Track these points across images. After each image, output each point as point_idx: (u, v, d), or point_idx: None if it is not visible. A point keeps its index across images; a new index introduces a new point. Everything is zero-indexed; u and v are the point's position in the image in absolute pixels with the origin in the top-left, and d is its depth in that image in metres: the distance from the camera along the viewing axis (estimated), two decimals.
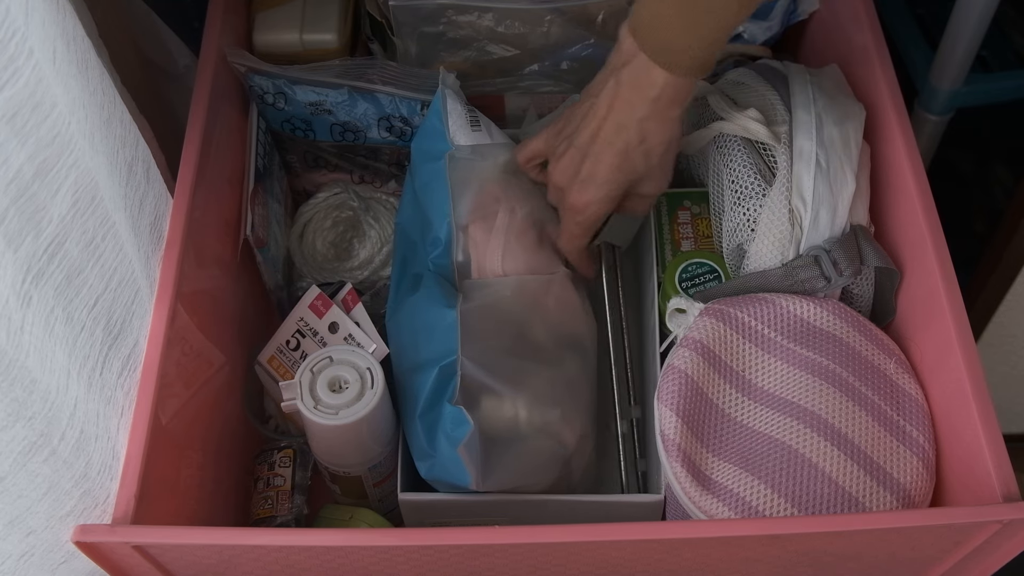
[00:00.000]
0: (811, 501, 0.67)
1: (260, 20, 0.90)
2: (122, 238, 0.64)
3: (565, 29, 0.87)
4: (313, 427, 0.72)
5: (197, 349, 0.74)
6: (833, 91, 0.80)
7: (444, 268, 0.77)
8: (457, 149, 0.79)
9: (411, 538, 0.62)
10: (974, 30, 0.94)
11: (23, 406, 0.55)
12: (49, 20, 0.54)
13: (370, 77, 0.86)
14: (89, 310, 0.61)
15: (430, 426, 0.71)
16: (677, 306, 0.75)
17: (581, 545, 0.63)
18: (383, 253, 0.91)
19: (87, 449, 0.61)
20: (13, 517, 0.58)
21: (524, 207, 0.78)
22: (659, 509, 0.73)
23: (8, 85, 0.50)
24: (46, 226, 0.55)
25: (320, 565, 0.65)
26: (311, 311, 0.81)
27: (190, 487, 0.73)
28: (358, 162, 0.91)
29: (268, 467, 0.81)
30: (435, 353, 0.72)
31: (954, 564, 0.67)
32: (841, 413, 0.70)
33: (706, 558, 0.65)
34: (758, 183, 0.76)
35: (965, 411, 0.66)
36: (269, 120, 0.88)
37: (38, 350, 0.55)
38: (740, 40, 0.90)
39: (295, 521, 0.79)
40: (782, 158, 0.76)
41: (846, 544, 0.65)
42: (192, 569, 0.66)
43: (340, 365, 0.72)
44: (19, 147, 0.52)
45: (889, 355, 0.73)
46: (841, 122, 0.77)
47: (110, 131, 0.63)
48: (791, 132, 0.77)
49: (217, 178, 0.79)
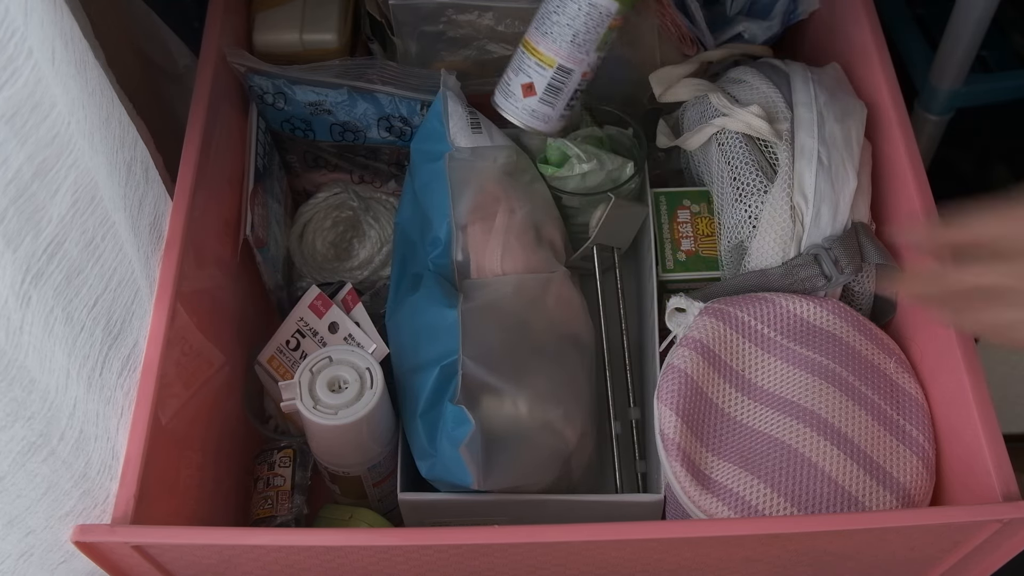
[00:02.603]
0: (811, 500, 0.67)
1: (260, 20, 0.90)
2: (121, 238, 0.64)
3: None
4: (312, 427, 0.72)
5: (197, 349, 0.74)
6: (834, 88, 0.80)
7: (444, 268, 0.77)
8: (457, 150, 0.79)
9: (411, 538, 0.62)
10: (974, 30, 0.94)
11: (22, 406, 0.55)
12: (48, 20, 0.54)
13: (370, 77, 0.86)
14: (89, 310, 0.61)
15: (431, 426, 0.71)
16: (677, 305, 0.75)
17: (581, 545, 0.63)
18: (383, 253, 0.91)
19: (86, 449, 0.61)
20: (12, 517, 0.58)
21: (523, 207, 0.78)
22: (659, 509, 0.73)
23: (7, 85, 0.50)
24: (45, 226, 0.55)
25: (320, 565, 0.65)
26: (311, 311, 0.81)
27: (190, 487, 0.73)
28: (358, 162, 0.91)
29: (268, 467, 0.81)
30: (436, 353, 0.72)
31: (954, 564, 0.67)
32: (841, 412, 0.70)
33: (706, 558, 0.65)
34: (760, 180, 0.76)
35: (965, 411, 0.66)
36: (269, 120, 0.88)
37: (37, 350, 0.55)
38: (741, 40, 0.90)
39: (295, 521, 0.79)
40: (784, 155, 0.76)
41: (846, 543, 0.65)
42: (192, 569, 0.66)
43: (339, 365, 0.72)
44: (18, 147, 0.52)
45: (889, 354, 0.73)
46: (842, 119, 0.77)
47: (109, 131, 0.63)
48: (793, 129, 0.77)
49: (217, 178, 0.79)
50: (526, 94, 0.73)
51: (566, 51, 0.72)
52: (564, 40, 0.71)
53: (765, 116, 0.77)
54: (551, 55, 0.72)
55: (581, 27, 0.71)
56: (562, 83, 0.72)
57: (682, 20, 0.86)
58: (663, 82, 0.85)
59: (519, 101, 0.74)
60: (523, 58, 0.74)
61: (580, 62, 0.72)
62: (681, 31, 0.87)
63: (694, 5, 0.86)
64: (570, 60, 0.72)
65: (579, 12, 0.71)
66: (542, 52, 0.72)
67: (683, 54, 0.88)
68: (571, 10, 0.71)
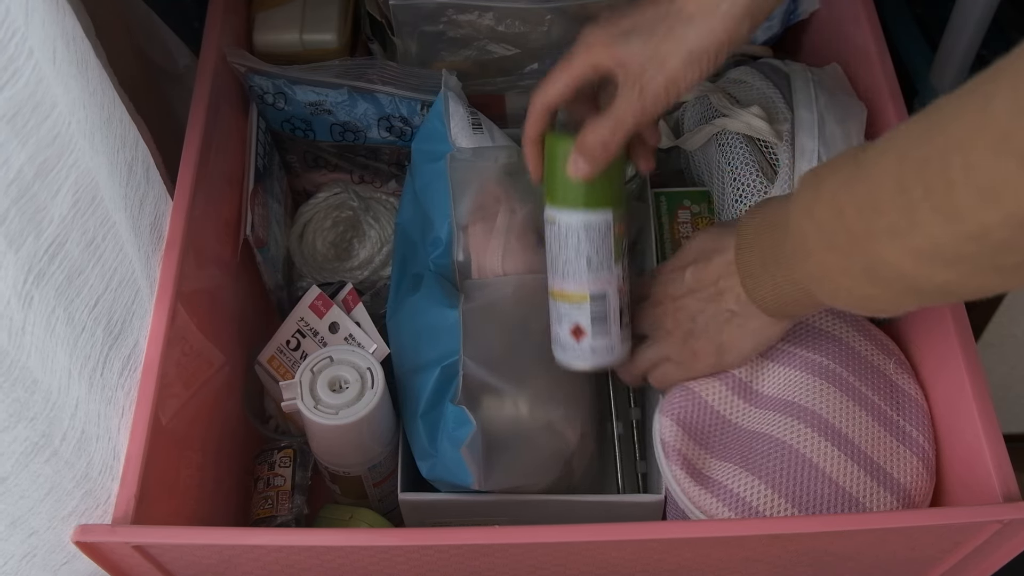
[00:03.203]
0: (811, 501, 0.67)
1: (260, 20, 0.90)
2: (122, 238, 0.64)
3: (566, 28, 0.87)
4: (313, 427, 0.72)
5: (197, 349, 0.74)
6: (835, 89, 0.80)
7: (445, 268, 0.77)
8: (458, 150, 0.79)
9: (411, 538, 0.62)
10: (974, 30, 0.94)
11: (25, 407, 0.55)
12: (49, 20, 0.54)
13: (370, 77, 0.86)
14: (90, 310, 0.61)
15: (432, 426, 0.71)
16: None
17: (581, 545, 0.63)
18: (383, 253, 0.91)
19: (88, 449, 0.61)
20: (15, 518, 0.58)
21: (524, 208, 0.78)
22: (659, 509, 0.73)
23: (8, 85, 0.50)
24: (47, 226, 0.55)
25: (320, 565, 0.65)
26: (311, 311, 0.81)
27: (190, 487, 0.73)
28: (358, 162, 0.91)
29: (268, 467, 0.81)
30: (437, 353, 0.72)
31: (954, 564, 0.67)
32: (841, 413, 0.70)
33: (706, 558, 0.65)
34: (760, 180, 0.76)
35: (965, 411, 0.66)
36: (269, 120, 0.88)
37: (39, 351, 0.55)
38: None
39: (295, 521, 0.79)
40: (784, 156, 0.76)
41: (846, 544, 0.65)
42: (192, 569, 0.66)
43: (340, 365, 0.72)
44: (20, 147, 0.52)
45: (889, 355, 0.73)
46: (843, 120, 0.77)
47: (110, 131, 0.63)
48: (793, 130, 0.77)
49: (217, 178, 0.79)
50: (578, 338, 0.70)
51: (589, 279, 0.69)
52: (581, 271, 0.69)
53: (765, 117, 0.77)
54: (578, 290, 0.69)
55: (590, 251, 0.68)
56: (603, 310, 0.70)
57: None
58: None
59: (575, 348, 0.71)
60: (557, 307, 0.71)
61: (608, 282, 0.69)
62: None
63: None
64: (597, 285, 0.69)
65: (580, 239, 0.69)
66: (569, 292, 0.70)
67: None
68: (572, 242, 0.69)
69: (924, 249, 0.50)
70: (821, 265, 0.58)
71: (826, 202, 0.56)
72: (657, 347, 0.72)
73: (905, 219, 0.50)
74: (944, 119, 0.48)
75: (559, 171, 0.68)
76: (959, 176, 0.47)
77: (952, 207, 0.47)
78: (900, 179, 0.50)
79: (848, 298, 0.58)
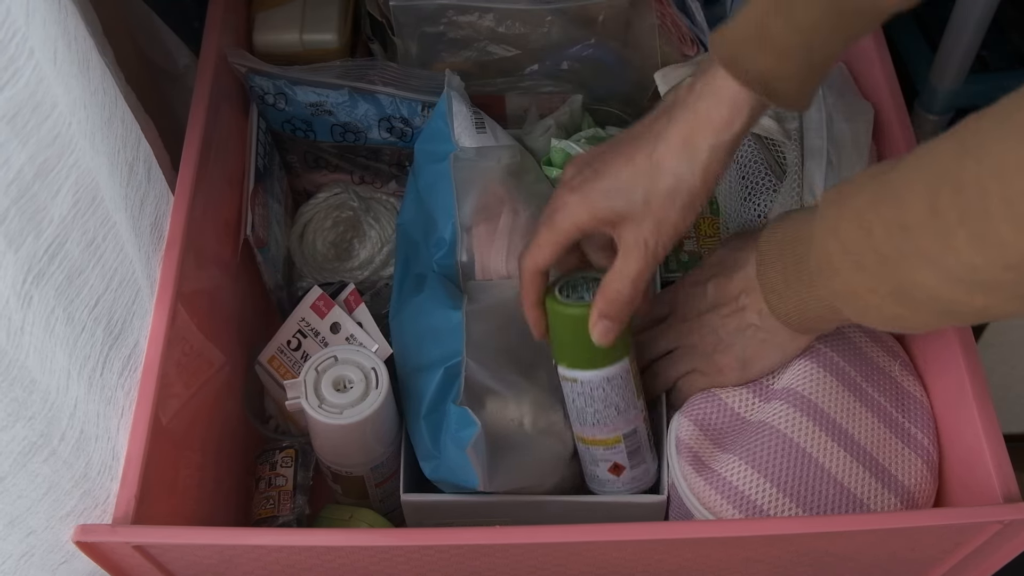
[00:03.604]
0: (815, 501, 0.67)
1: (260, 20, 0.90)
2: (123, 238, 0.64)
3: (566, 29, 0.87)
4: (317, 426, 0.72)
5: (197, 349, 0.74)
6: (842, 88, 0.80)
7: (448, 268, 0.77)
8: (462, 151, 0.79)
9: (411, 538, 0.62)
10: (974, 30, 0.94)
11: (23, 406, 0.55)
12: (50, 20, 0.54)
13: (371, 78, 0.86)
14: (90, 310, 0.61)
15: (435, 427, 0.71)
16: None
17: (582, 545, 0.63)
18: (383, 253, 0.91)
19: (87, 449, 0.61)
20: (13, 517, 0.58)
21: (528, 208, 0.78)
22: (661, 510, 0.73)
23: (9, 85, 0.50)
24: (47, 226, 0.55)
25: (321, 565, 0.65)
26: (313, 311, 0.81)
27: (190, 487, 0.73)
28: (358, 163, 0.91)
29: (270, 467, 0.81)
30: (440, 354, 0.72)
31: (954, 564, 0.67)
32: (847, 412, 0.70)
33: (706, 558, 0.65)
34: (769, 179, 0.76)
35: (965, 411, 0.66)
36: (269, 120, 0.88)
37: (38, 350, 0.55)
38: None
39: (297, 521, 0.79)
40: (792, 154, 0.76)
41: (847, 545, 0.65)
42: (192, 569, 0.66)
43: (345, 364, 0.72)
44: (20, 147, 0.52)
45: (894, 357, 0.73)
46: (851, 119, 0.77)
47: (111, 131, 0.63)
48: (801, 129, 0.77)
49: (217, 178, 0.79)
50: (618, 473, 0.72)
51: (619, 422, 0.70)
52: (611, 418, 0.70)
53: (774, 115, 0.77)
54: (611, 436, 0.71)
55: (616, 399, 0.69)
56: (636, 443, 0.71)
57: (682, 20, 0.86)
58: (668, 81, 0.85)
59: (616, 482, 0.72)
60: (591, 452, 0.72)
61: (635, 418, 0.71)
62: (681, 31, 0.87)
63: (694, 5, 0.86)
64: (627, 424, 0.70)
65: (606, 391, 0.69)
66: (602, 438, 0.71)
67: (683, 54, 0.88)
68: (598, 395, 0.69)
69: (961, 275, 0.50)
70: (848, 284, 0.58)
71: (851, 220, 0.56)
72: (684, 361, 0.73)
73: (939, 244, 0.50)
74: (980, 143, 0.48)
75: (573, 337, 0.68)
76: (998, 205, 0.46)
77: (991, 235, 0.47)
78: (932, 203, 0.50)
79: (878, 316, 0.58)
